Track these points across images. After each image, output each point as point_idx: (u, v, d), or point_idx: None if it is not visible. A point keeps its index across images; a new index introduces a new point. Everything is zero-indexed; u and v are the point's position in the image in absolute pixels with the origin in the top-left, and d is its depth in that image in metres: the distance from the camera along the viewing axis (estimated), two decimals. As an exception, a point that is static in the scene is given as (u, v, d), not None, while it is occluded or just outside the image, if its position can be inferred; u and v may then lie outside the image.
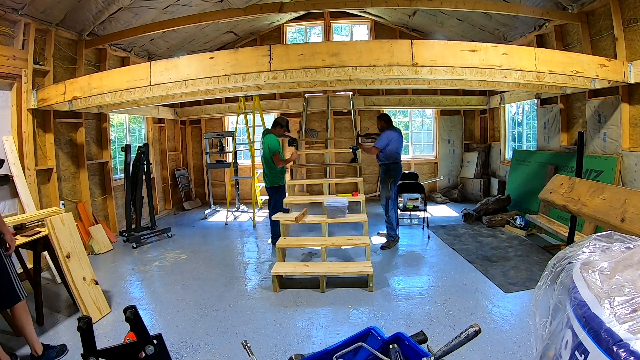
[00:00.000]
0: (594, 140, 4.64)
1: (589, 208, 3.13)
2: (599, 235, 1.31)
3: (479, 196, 7.39)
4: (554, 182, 4.00)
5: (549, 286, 1.32)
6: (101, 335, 2.78)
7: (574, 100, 5.14)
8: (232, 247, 5.29)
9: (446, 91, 7.58)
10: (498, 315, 2.98)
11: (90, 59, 5.42)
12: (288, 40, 8.27)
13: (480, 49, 3.33)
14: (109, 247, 5.15)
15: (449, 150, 8.35)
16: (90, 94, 3.90)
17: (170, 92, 3.70)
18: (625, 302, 0.98)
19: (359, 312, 3.15)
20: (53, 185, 4.63)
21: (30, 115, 4.27)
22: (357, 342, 1.12)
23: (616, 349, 0.89)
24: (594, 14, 4.48)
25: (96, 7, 4.63)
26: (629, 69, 3.81)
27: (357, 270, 3.73)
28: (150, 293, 3.73)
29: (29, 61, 4.23)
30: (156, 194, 7.08)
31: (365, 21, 8.18)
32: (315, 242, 4.12)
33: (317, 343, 2.68)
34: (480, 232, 5.40)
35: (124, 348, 1.34)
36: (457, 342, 0.97)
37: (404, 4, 5.12)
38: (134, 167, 5.39)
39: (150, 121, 7.17)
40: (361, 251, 4.25)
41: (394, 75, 3.32)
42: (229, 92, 5.00)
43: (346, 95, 7.68)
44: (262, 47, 3.31)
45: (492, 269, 3.94)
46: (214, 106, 7.92)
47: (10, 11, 3.93)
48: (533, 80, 3.54)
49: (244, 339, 1.28)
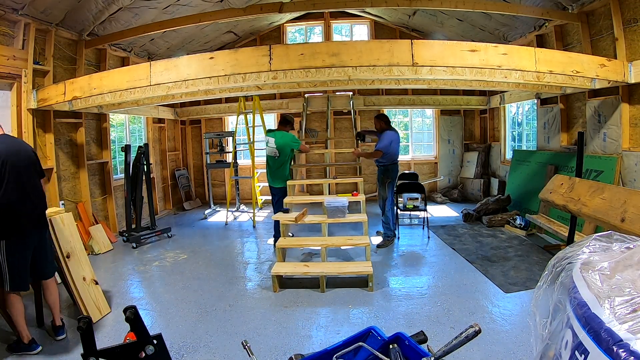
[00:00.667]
0: (594, 140, 4.64)
1: (589, 208, 3.13)
2: (599, 235, 1.31)
3: (479, 196, 7.39)
4: (554, 182, 4.00)
5: (549, 286, 1.32)
6: (101, 335, 2.78)
7: (574, 100, 5.14)
8: (232, 247, 5.29)
9: (446, 91, 7.57)
10: (498, 315, 2.98)
11: (90, 59, 5.42)
12: (288, 40, 8.27)
13: (480, 49, 3.33)
14: (109, 247, 5.15)
15: (449, 150, 8.35)
16: (90, 94, 3.90)
17: (170, 92, 3.70)
18: (625, 302, 0.98)
19: (359, 312, 3.15)
20: (53, 185, 4.63)
21: (30, 115, 4.27)
22: (357, 342, 1.12)
23: (616, 349, 0.89)
24: (594, 14, 4.48)
25: (96, 7, 4.63)
26: (629, 69, 3.81)
27: (357, 270, 3.73)
28: (150, 293, 3.73)
29: (29, 61, 4.23)
30: (156, 194, 7.08)
31: (365, 21, 8.18)
32: (315, 242, 4.12)
33: (317, 343, 2.68)
34: (480, 232, 5.40)
35: (124, 348, 1.33)
36: (457, 342, 0.97)
37: (404, 4, 5.12)
38: (134, 167, 5.39)
39: (150, 121, 7.17)
40: (361, 251, 4.25)
41: (394, 75, 3.32)
42: (229, 92, 5.00)
43: (346, 95, 7.68)
44: (262, 47, 3.31)
45: (492, 269, 3.94)
46: (214, 106, 7.92)
47: (10, 11, 3.93)
48: (533, 80, 3.53)
49: (244, 339, 1.28)
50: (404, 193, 5.50)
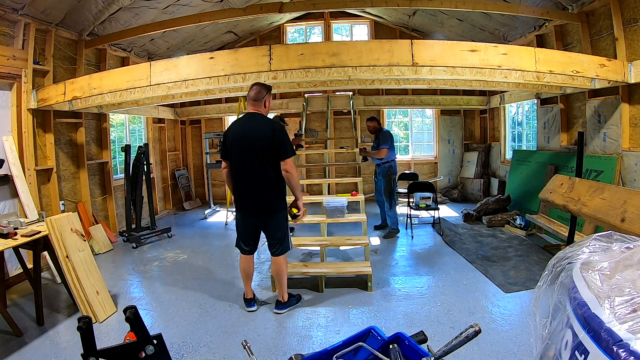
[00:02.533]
0: (594, 140, 4.64)
1: (589, 208, 3.12)
2: (599, 235, 1.31)
3: (479, 196, 7.39)
4: (554, 182, 4.00)
5: (549, 286, 1.32)
6: (101, 335, 2.78)
7: (574, 100, 5.14)
8: (232, 247, 5.23)
9: (446, 91, 7.57)
10: (498, 315, 2.98)
11: (90, 59, 5.42)
12: (288, 40, 8.27)
13: (480, 49, 3.32)
14: (109, 247, 5.15)
15: (449, 150, 8.35)
16: (90, 94, 3.90)
17: (170, 92, 3.70)
18: (625, 302, 0.98)
19: (359, 312, 3.15)
20: (53, 185, 4.63)
21: (30, 115, 4.27)
22: (357, 342, 1.12)
23: (616, 349, 0.89)
24: (594, 14, 4.48)
25: (96, 7, 4.63)
26: (629, 69, 3.81)
27: (356, 270, 3.72)
28: (150, 293, 3.73)
29: (29, 61, 4.23)
30: (156, 194, 7.07)
31: (365, 21, 8.18)
32: (314, 242, 4.12)
33: (317, 343, 2.68)
34: (480, 232, 5.40)
35: (124, 348, 1.34)
36: (457, 342, 0.97)
37: (404, 4, 5.12)
38: (134, 167, 5.38)
39: (150, 121, 7.17)
40: (361, 251, 4.25)
41: (394, 75, 3.32)
42: (229, 92, 5.00)
43: (346, 95, 7.68)
44: (262, 47, 3.31)
45: (492, 269, 3.93)
46: (214, 106, 7.92)
47: (10, 11, 3.93)
48: (533, 80, 3.53)
49: (244, 339, 1.28)
50: (415, 192, 5.63)
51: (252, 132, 2.82)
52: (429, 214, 6.26)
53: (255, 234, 3.08)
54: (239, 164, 2.87)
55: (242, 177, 2.88)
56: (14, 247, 2.90)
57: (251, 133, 2.82)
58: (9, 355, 2.55)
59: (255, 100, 2.90)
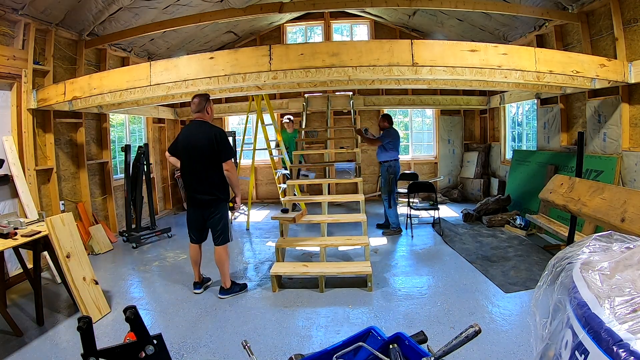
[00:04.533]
0: (594, 140, 4.63)
1: (589, 208, 3.12)
2: (599, 235, 1.31)
3: (479, 196, 7.39)
4: (554, 182, 4.00)
5: (549, 286, 1.31)
6: (101, 335, 2.78)
7: (574, 100, 5.14)
8: (232, 247, 5.27)
9: (446, 91, 7.57)
10: (498, 315, 2.98)
11: (90, 59, 5.42)
12: (288, 41, 8.27)
13: (480, 49, 3.32)
14: (109, 247, 5.14)
15: (449, 150, 8.35)
16: (90, 94, 3.90)
17: (170, 92, 3.70)
18: (625, 302, 0.98)
19: (359, 312, 3.15)
20: (53, 185, 4.63)
21: (30, 115, 4.27)
22: (357, 342, 1.12)
23: (616, 349, 0.89)
24: (594, 14, 4.48)
25: (96, 7, 4.63)
26: (629, 69, 3.81)
27: (356, 270, 3.73)
28: (150, 293, 3.73)
29: (29, 61, 4.23)
30: (156, 194, 7.07)
31: (365, 21, 8.18)
32: (314, 242, 4.12)
33: (317, 343, 2.68)
34: (480, 232, 5.40)
35: (124, 348, 1.33)
36: (457, 342, 0.97)
37: (404, 4, 5.12)
38: (134, 167, 5.38)
39: (150, 121, 7.17)
40: (361, 251, 4.25)
41: (394, 75, 3.32)
42: (229, 92, 4.99)
43: (346, 95, 7.68)
44: (262, 47, 3.31)
45: (492, 269, 3.93)
46: (214, 106, 7.85)
47: (10, 11, 3.93)
48: (533, 80, 3.53)
49: (244, 339, 1.28)
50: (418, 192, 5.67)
51: (197, 138, 3.31)
52: (429, 214, 6.28)
53: (202, 225, 3.52)
54: (188, 165, 3.38)
55: (190, 176, 3.39)
56: (14, 247, 2.90)
57: (196, 139, 3.31)
58: (9, 355, 2.55)
59: (199, 111, 3.40)
